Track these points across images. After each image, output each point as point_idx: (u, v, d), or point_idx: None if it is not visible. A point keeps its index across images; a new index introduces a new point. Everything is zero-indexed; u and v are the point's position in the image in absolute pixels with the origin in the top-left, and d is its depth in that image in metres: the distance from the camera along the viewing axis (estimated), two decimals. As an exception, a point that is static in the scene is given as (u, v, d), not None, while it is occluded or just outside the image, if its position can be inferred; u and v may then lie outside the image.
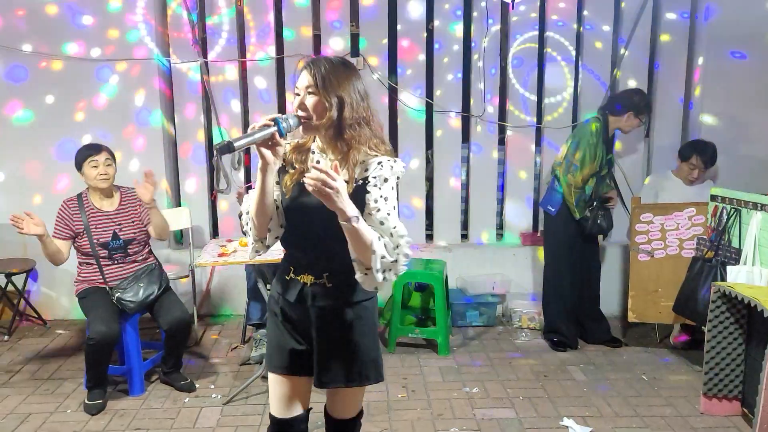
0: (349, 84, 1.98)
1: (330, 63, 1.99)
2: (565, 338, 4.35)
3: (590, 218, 4.17)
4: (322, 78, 1.94)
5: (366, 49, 4.81)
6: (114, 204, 3.73)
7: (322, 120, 1.96)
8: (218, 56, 4.80)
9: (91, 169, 3.61)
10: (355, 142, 1.98)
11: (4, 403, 3.62)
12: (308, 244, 2.05)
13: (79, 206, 3.64)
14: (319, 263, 2.06)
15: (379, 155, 2.01)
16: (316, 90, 1.95)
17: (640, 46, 4.83)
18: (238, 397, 3.64)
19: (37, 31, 4.60)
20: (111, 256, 3.64)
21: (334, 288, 2.07)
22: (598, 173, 4.16)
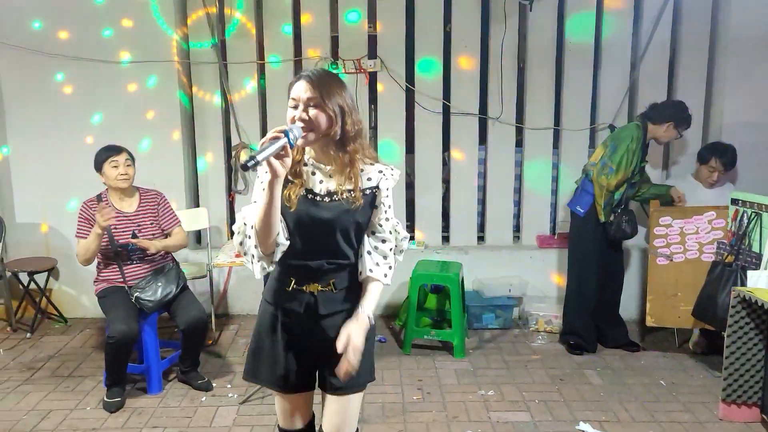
0: (345, 94, 2.00)
1: (326, 74, 2.01)
2: (584, 341, 4.32)
3: (614, 223, 4.14)
4: (327, 92, 1.95)
5: (383, 50, 4.82)
6: (134, 205, 3.77)
7: (327, 133, 1.97)
8: (236, 58, 4.83)
9: (111, 169, 3.66)
10: (357, 153, 2.03)
11: (26, 400, 3.68)
12: (318, 255, 2.06)
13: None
14: (327, 272, 2.08)
15: (375, 164, 2.09)
16: (320, 101, 1.94)
17: (659, 48, 4.79)
18: (254, 397, 3.66)
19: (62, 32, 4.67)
20: (130, 256, 3.69)
21: (339, 293, 2.10)
22: (629, 179, 4.14)
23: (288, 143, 1.85)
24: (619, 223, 4.14)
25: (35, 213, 4.90)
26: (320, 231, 2.02)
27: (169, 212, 3.88)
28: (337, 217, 2.00)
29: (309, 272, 2.08)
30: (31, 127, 4.79)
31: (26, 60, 4.68)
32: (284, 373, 2.16)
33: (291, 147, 1.87)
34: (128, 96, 4.77)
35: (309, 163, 2.07)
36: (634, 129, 4.13)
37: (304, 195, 2.03)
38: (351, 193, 2.02)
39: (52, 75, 4.72)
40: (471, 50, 4.85)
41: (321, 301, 2.10)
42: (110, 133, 4.62)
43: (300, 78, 1.98)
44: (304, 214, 2.02)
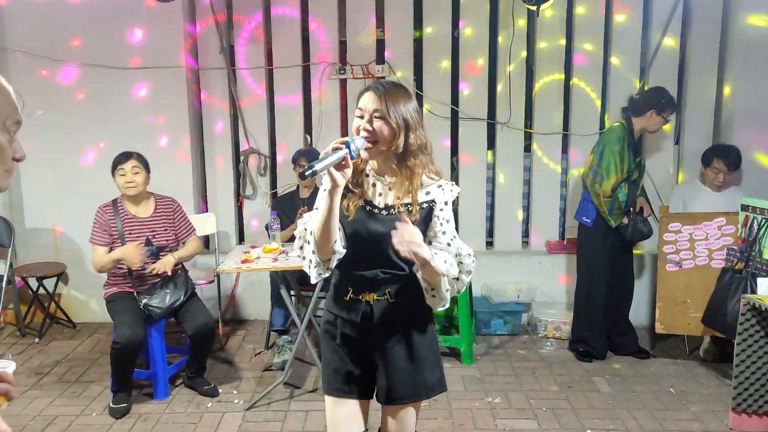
0: (413, 111, 2.04)
1: (394, 87, 2.05)
2: (593, 349, 4.29)
3: (629, 224, 4.12)
4: (393, 104, 1.99)
5: (391, 55, 4.81)
6: (148, 210, 3.79)
7: (389, 145, 2.01)
8: (245, 64, 4.84)
9: (119, 177, 3.69)
10: (418, 168, 2.05)
11: (32, 405, 3.69)
12: (374, 264, 2.09)
13: (114, 212, 3.71)
14: (382, 281, 2.10)
15: (437, 179, 2.11)
16: (386, 113, 1.98)
17: (670, 50, 4.75)
18: (260, 403, 3.66)
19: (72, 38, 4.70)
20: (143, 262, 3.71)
21: (396, 303, 2.12)
22: (628, 178, 4.09)
23: (349, 154, 1.89)
24: (635, 224, 4.12)
25: (45, 218, 4.93)
26: (374, 242, 2.06)
27: (185, 220, 3.91)
28: (390, 230, 1.97)
29: (365, 281, 2.11)
30: (41, 132, 4.81)
31: (37, 65, 4.71)
32: (344, 378, 2.19)
33: (352, 158, 1.91)
34: (138, 101, 4.79)
35: (370, 175, 2.11)
36: (616, 130, 4.12)
37: (362, 206, 2.08)
38: (408, 208, 2.04)
39: (63, 80, 4.75)
40: (479, 55, 4.84)
41: (377, 310, 2.12)
42: (119, 139, 4.66)
43: (368, 89, 2.05)
44: (360, 225, 2.07)
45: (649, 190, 4.71)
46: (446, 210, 2.10)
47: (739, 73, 4.66)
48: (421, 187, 2.08)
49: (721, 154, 4.27)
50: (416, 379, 2.15)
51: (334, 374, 2.20)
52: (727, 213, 4.04)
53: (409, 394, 2.16)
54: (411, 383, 2.16)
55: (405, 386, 2.15)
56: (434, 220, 2.09)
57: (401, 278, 2.10)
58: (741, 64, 4.65)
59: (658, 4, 4.72)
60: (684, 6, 4.70)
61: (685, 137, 4.90)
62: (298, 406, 3.64)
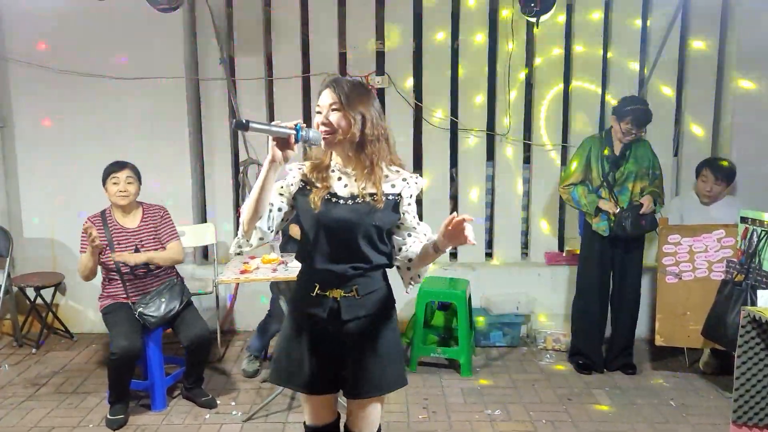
0: (369, 102, 2.13)
1: (350, 83, 2.13)
2: (591, 361, 4.27)
3: (614, 221, 4.08)
4: (346, 95, 2.07)
5: (391, 67, 4.82)
6: (136, 221, 3.78)
7: (346, 135, 2.08)
8: (245, 75, 4.85)
9: (112, 186, 3.69)
10: (376, 157, 2.12)
11: (29, 416, 3.66)
12: (340, 258, 2.14)
13: (103, 222, 3.70)
14: (351, 277, 2.15)
15: (401, 171, 2.19)
16: (340, 106, 2.07)
17: (668, 65, 4.77)
18: (259, 415, 3.64)
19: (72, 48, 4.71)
20: (133, 271, 3.69)
21: (362, 299, 2.17)
22: (604, 185, 4.14)
23: (294, 137, 1.96)
24: (620, 221, 4.07)
25: (43, 228, 4.91)
26: (342, 232, 2.11)
27: (168, 225, 3.87)
28: (358, 218, 2.10)
29: (333, 277, 2.15)
30: (40, 143, 4.82)
31: (36, 76, 4.71)
32: (309, 376, 2.21)
33: (296, 141, 1.97)
34: (137, 112, 4.79)
35: (335, 169, 2.18)
36: (590, 137, 4.30)
37: (327, 198, 2.14)
38: (373, 197, 2.11)
39: (62, 91, 4.75)
40: (478, 67, 4.85)
41: (344, 306, 2.16)
42: (118, 149, 4.63)
43: (326, 86, 2.12)
44: (325, 215, 2.11)
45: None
46: (413, 202, 2.20)
47: (738, 84, 4.68)
48: (385, 179, 2.15)
49: (711, 164, 4.32)
50: (380, 375, 2.20)
51: (298, 370, 2.22)
52: (727, 225, 4.04)
53: (373, 389, 2.21)
54: (375, 378, 2.20)
55: (370, 381, 2.20)
56: (406, 216, 2.18)
57: (368, 271, 2.16)
58: (740, 75, 4.66)
59: (657, 16, 4.74)
60: (683, 18, 4.73)
61: (683, 149, 4.91)
62: (296, 418, 3.62)
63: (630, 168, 4.11)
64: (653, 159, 4.19)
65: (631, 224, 4.06)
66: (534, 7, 4.22)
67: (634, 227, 4.06)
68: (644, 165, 4.13)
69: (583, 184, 4.21)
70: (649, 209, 4.09)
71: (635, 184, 4.13)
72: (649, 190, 4.16)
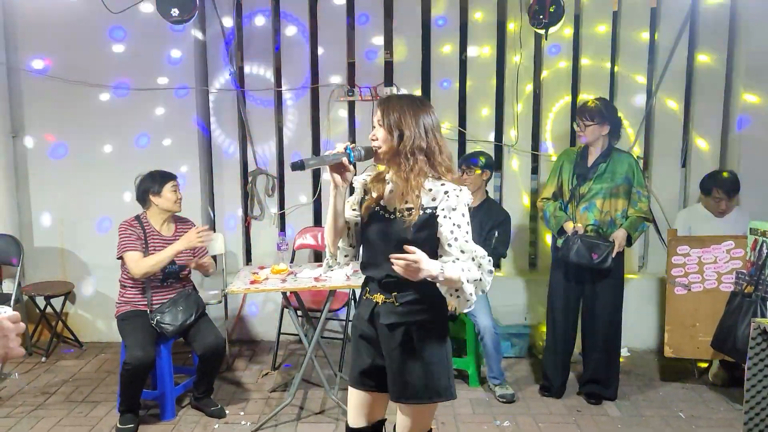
0: (412, 117, 2.17)
1: (397, 99, 2.23)
2: (551, 385, 4.06)
3: (565, 244, 3.84)
4: (387, 112, 2.18)
5: (400, 78, 4.85)
6: (171, 230, 3.84)
7: (387, 149, 2.17)
8: (254, 86, 4.89)
9: (171, 192, 3.75)
10: (410, 170, 2.15)
11: (39, 426, 3.68)
12: (381, 267, 2.22)
13: (140, 226, 3.74)
14: (388, 285, 2.24)
15: (447, 184, 2.18)
16: (383, 121, 2.16)
17: (676, 75, 4.78)
18: (268, 425, 3.64)
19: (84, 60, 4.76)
20: (165, 279, 3.74)
21: (401, 307, 2.23)
22: (574, 199, 3.90)
23: (348, 158, 2.11)
24: (567, 242, 3.82)
25: (53, 237, 4.95)
26: (380, 244, 2.22)
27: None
28: (392, 232, 2.19)
29: (375, 283, 2.29)
30: (52, 153, 4.86)
31: (48, 87, 4.76)
32: (355, 371, 2.39)
33: (350, 162, 2.13)
34: (146, 122, 4.83)
35: (390, 181, 2.27)
36: (566, 149, 4.21)
37: (376, 210, 2.25)
38: (410, 211, 2.15)
39: (74, 102, 4.79)
40: (486, 77, 4.87)
41: (382, 311, 2.27)
42: (128, 159, 4.70)
43: (377, 104, 2.25)
44: (369, 227, 2.27)
45: (656, 212, 4.72)
46: (455, 216, 2.15)
47: (746, 94, 4.69)
48: (428, 192, 2.18)
49: (719, 183, 4.22)
50: (417, 383, 2.24)
51: (353, 367, 2.40)
52: (736, 236, 4.04)
53: (409, 396, 2.26)
54: (410, 385, 2.24)
55: (404, 387, 2.25)
56: (441, 229, 2.16)
57: (409, 285, 2.16)
58: (747, 88, 4.67)
59: (664, 29, 4.75)
60: (690, 31, 4.74)
61: (691, 160, 4.91)
62: (305, 429, 3.62)
63: (602, 184, 3.80)
64: (637, 176, 3.84)
65: (576, 252, 3.76)
66: (542, 19, 4.25)
67: (579, 256, 3.75)
68: (618, 182, 3.79)
69: (557, 200, 4.01)
70: (620, 248, 3.79)
71: (607, 202, 3.81)
72: (632, 217, 3.83)
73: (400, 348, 2.24)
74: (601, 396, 3.99)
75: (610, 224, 3.83)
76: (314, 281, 3.61)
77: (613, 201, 3.83)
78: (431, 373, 2.24)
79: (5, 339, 1.35)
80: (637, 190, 3.84)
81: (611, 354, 3.99)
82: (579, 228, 3.82)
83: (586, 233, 3.81)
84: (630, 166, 3.85)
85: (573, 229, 3.83)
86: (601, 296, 3.90)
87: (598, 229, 3.83)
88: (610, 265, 3.75)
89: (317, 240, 4.77)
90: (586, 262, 3.76)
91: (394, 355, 2.25)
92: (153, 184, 3.76)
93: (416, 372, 2.23)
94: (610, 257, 3.74)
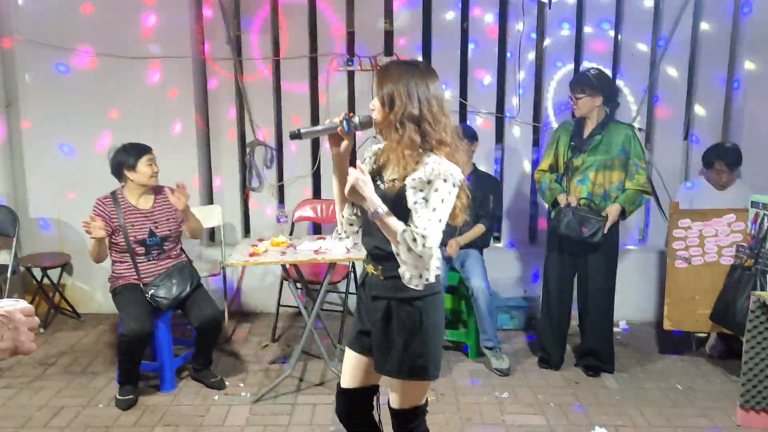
0: (405, 86, 2.07)
1: (395, 67, 2.17)
2: (549, 357, 4.08)
3: (556, 216, 3.86)
4: (382, 81, 2.11)
5: (401, 46, 4.77)
6: (149, 202, 3.76)
7: (379, 119, 2.12)
8: (252, 54, 4.81)
9: (146, 167, 3.66)
10: (399, 141, 2.07)
11: (38, 396, 3.68)
12: (371, 239, 2.22)
13: (115, 204, 3.68)
14: (376, 257, 2.24)
15: (434, 156, 2.09)
16: (377, 92, 2.12)
17: (680, 46, 4.71)
18: (268, 396, 3.65)
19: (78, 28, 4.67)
20: (148, 252, 3.68)
21: (386, 281, 2.20)
22: (569, 170, 3.88)
23: (344, 127, 2.09)
24: (558, 215, 3.82)
25: (49, 208, 4.90)
26: (368, 215, 2.15)
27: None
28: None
29: (367, 254, 2.30)
30: (47, 122, 4.79)
31: (44, 55, 4.67)
32: (355, 331, 2.39)
33: (346, 131, 2.09)
34: (143, 91, 4.75)
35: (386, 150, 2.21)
36: (563, 122, 4.14)
37: (374, 178, 2.19)
38: (393, 182, 2.11)
39: (67, 71, 4.71)
40: (488, 47, 4.80)
41: (370, 283, 2.29)
42: (124, 129, 4.63)
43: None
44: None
45: (657, 187, 4.70)
46: (426, 189, 2.03)
47: (749, 66, 4.63)
48: (414, 164, 2.08)
49: (722, 155, 4.22)
50: (397, 358, 2.20)
51: (352, 328, 2.42)
52: (737, 210, 4.02)
53: (386, 368, 2.24)
54: (389, 359, 2.21)
55: (384, 359, 2.23)
56: (406, 196, 2.07)
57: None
58: (751, 58, 4.62)
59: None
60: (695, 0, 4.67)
61: (694, 133, 4.87)
62: (305, 400, 3.63)
63: (596, 156, 3.77)
64: (634, 148, 3.78)
65: (566, 225, 3.75)
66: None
67: (570, 229, 3.75)
68: (614, 154, 3.75)
69: (554, 172, 3.99)
70: (612, 221, 3.76)
71: (601, 175, 3.78)
72: (629, 190, 3.79)
73: (381, 321, 2.22)
74: (599, 368, 4.00)
75: (604, 197, 3.82)
76: (314, 254, 3.59)
77: (608, 173, 3.79)
78: (408, 351, 2.17)
79: (15, 332, 1.25)
80: (634, 162, 3.79)
81: (606, 326, 4.00)
82: (572, 200, 3.81)
83: (578, 206, 3.80)
84: (627, 137, 3.79)
85: (566, 202, 3.81)
86: (594, 269, 3.90)
87: (590, 203, 3.81)
88: (600, 239, 3.74)
89: (316, 212, 4.74)
90: (575, 235, 3.76)
91: (376, 326, 2.24)
92: (127, 158, 3.65)
93: (394, 347, 2.19)
94: (601, 232, 3.73)
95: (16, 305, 1.27)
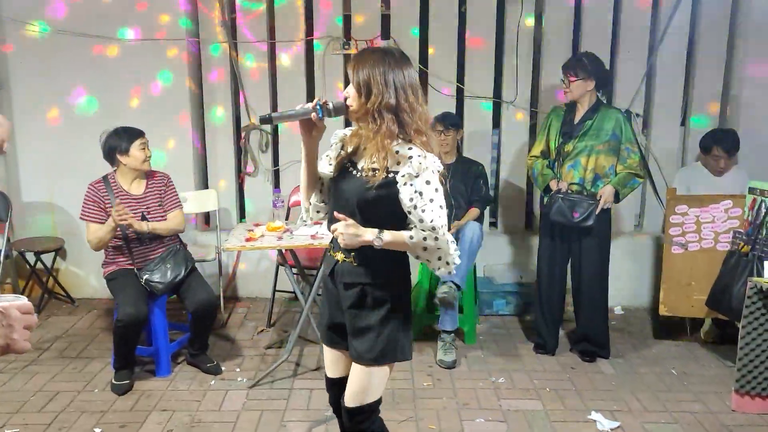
0: (382, 75, 2.03)
1: (370, 54, 2.09)
2: (544, 342, 4.09)
3: (548, 202, 3.87)
4: (357, 69, 2.04)
5: (397, 31, 4.73)
6: (141, 188, 3.73)
7: (357, 107, 2.07)
8: (247, 37, 4.75)
9: (139, 151, 3.62)
10: (377, 131, 2.04)
11: (33, 381, 3.66)
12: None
13: (107, 188, 3.64)
14: None
15: (416, 149, 2.05)
16: (352, 80, 2.06)
17: (678, 30, 4.68)
18: (264, 381, 3.64)
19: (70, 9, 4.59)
20: (140, 237, 3.65)
21: (359, 267, 2.16)
22: (560, 156, 3.87)
23: (317, 113, 2.04)
24: (551, 201, 3.82)
25: (42, 192, 4.85)
26: (342, 201, 2.15)
27: (172, 194, 3.83)
28: (354, 190, 2.10)
29: (335, 240, 2.17)
30: (38, 106, 4.73)
31: (34, 39, 4.61)
32: (324, 327, 2.36)
33: (320, 117, 2.05)
34: (136, 75, 4.70)
35: (363, 137, 2.16)
36: (554, 107, 4.08)
37: (345, 165, 2.17)
38: (374, 172, 2.05)
39: (60, 53, 4.65)
40: (486, 31, 4.76)
41: (341, 270, 2.20)
42: (118, 113, 4.57)
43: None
44: (337, 182, 2.19)
45: (654, 172, 4.69)
46: (418, 182, 2.00)
47: (748, 53, 4.61)
48: (396, 155, 2.05)
49: (719, 141, 4.20)
50: (371, 344, 2.17)
51: (322, 323, 2.37)
52: (734, 196, 4.02)
53: (361, 355, 2.20)
54: (363, 346, 2.18)
55: (359, 347, 2.19)
56: (401, 196, 2.03)
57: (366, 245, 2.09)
58: (750, 43, 4.60)
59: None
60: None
61: (691, 117, 4.85)
62: (301, 384, 3.63)
63: (587, 141, 3.76)
64: (625, 132, 3.76)
65: (557, 211, 3.75)
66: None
67: (560, 214, 3.75)
68: (604, 139, 3.74)
69: (546, 158, 3.97)
70: (605, 205, 3.76)
71: (592, 159, 3.76)
72: (621, 173, 3.78)
73: (355, 307, 2.18)
74: (595, 353, 4.01)
75: (596, 182, 3.81)
76: (311, 239, 3.57)
77: (599, 158, 3.79)
78: (384, 333, 2.16)
79: (9, 329, 1.20)
80: (626, 146, 3.78)
81: (600, 312, 4.01)
82: (563, 186, 3.80)
83: (569, 192, 3.79)
84: (618, 122, 3.78)
85: (557, 187, 3.81)
86: (586, 254, 3.89)
87: (582, 188, 3.80)
88: (592, 223, 3.74)
89: (312, 197, 4.71)
90: (565, 221, 3.76)
91: (351, 313, 2.20)
92: (120, 142, 3.61)
93: (372, 330, 2.16)
94: (593, 215, 3.73)
95: (15, 302, 1.24)
